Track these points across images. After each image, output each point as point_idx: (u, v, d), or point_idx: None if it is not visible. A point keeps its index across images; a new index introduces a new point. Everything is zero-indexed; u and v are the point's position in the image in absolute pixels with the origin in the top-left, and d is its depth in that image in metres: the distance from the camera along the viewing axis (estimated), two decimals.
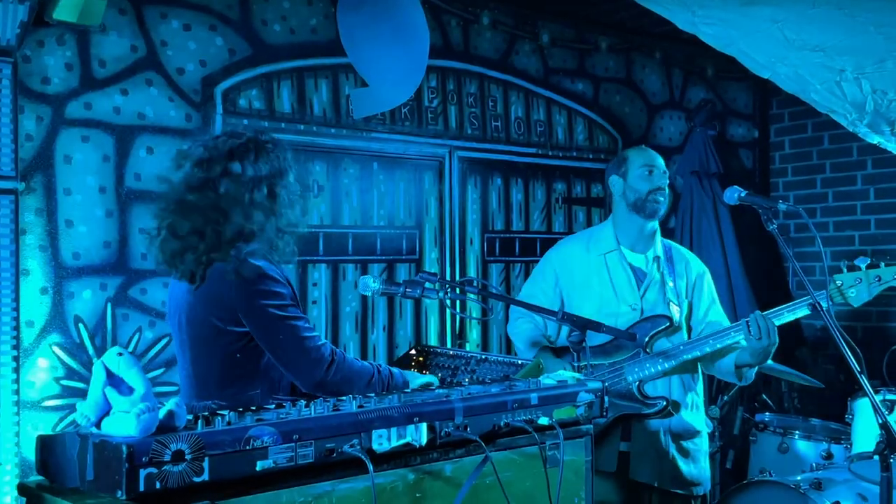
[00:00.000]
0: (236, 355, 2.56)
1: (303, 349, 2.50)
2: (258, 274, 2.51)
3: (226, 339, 2.55)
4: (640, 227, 3.48)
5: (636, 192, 3.46)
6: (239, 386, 2.57)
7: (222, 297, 2.53)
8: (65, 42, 3.97)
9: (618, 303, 3.40)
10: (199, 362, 2.62)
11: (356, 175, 4.89)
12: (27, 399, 3.81)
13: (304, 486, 1.91)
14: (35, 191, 3.88)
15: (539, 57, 5.62)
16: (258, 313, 2.49)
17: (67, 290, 3.95)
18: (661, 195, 3.44)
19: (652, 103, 6.19)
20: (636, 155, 3.53)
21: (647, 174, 3.46)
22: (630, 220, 3.48)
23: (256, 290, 2.50)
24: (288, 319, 2.50)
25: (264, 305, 2.49)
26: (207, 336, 2.58)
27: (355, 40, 4.54)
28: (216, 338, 2.56)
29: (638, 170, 3.47)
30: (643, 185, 3.45)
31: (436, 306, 5.18)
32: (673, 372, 3.33)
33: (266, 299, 2.49)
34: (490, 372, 2.79)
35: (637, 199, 3.45)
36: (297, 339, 2.50)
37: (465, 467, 2.17)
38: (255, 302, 2.49)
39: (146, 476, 1.65)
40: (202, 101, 4.34)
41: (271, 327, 2.49)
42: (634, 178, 3.47)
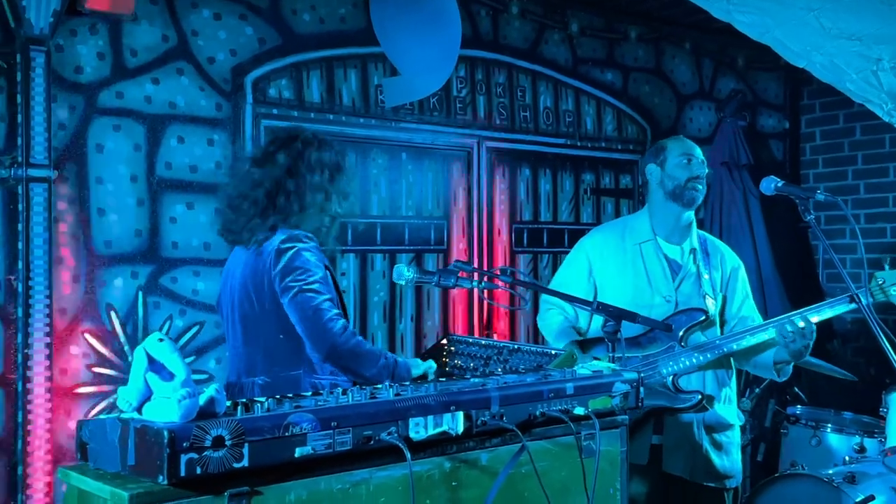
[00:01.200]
0: (279, 336, 2.72)
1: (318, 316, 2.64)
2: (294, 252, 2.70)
3: (269, 320, 2.72)
4: (676, 216, 3.44)
5: (674, 180, 3.42)
6: (283, 366, 2.72)
7: (264, 278, 2.73)
8: (97, 31, 3.99)
9: (652, 294, 3.37)
10: (248, 341, 2.79)
11: (385, 165, 4.89)
12: (60, 386, 3.84)
13: (341, 473, 1.91)
14: (68, 179, 3.91)
15: (568, 46, 5.58)
16: (286, 285, 2.68)
17: (99, 278, 3.98)
18: (700, 183, 3.41)
19: (681, 93, 6.14)
20: (674, 144, 3.50)
21: (685, 163, 3.43)
22: (667, 209, 3.45)
23: (287, 268, 2.69)
24: (309, 291, 2.66)
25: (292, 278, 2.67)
26: (255, 317, 2.76)
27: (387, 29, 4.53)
28: (261, 318, 2.74)
29: (676, 158, 3.44)
30: (681, 173, 3.42)
31: (464, 296, 5.17)
32: (707, 366, 3.30)
33: (295, 274, 2.68)
34: (522, 362, 2.77)
35: (675, 188, 3.41)
36: (315, 308, 2.65)
37: (501, 456, 2.17)
38: (284, 278, 2.68)
39: (187, 461, 1.66)
40: (232, 91, 4.35)
41: (294, 296, 2.66)
42: (672, 167, 3.44)
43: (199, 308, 4.21)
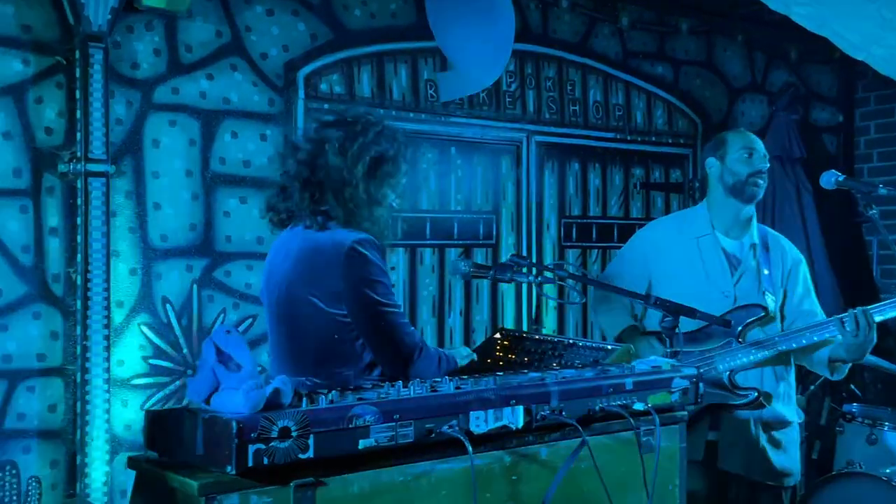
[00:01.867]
0: (334, 336, 2.60)
1: (399, 339, 2.57)
2: (366, 262, 2.56)
3: (324, 319, 2.59)
4: (736, 211, 3.40)
5: (735, 174, 3.38)
6: (333, 365, 2.62)
7: (326, 278, 2.58)
8: (153, 28, 4.04)
9: (709, 289, 3.33)
10: (296, 339, 2.67)
11: (434, 160, 4.90)
12: (117, 377, 3.90)
13: (404, 466, 1.92)
14: (125, 174, 3.97)
15: (618, 40, 5.54)
16: (361, 300, 2.55)
17: (155, 271, 4.04)
18: (762, 178, 3.36)
19: (733, 87, 6.07)
20: (736, 137, 3.46)
21: (746, 157, 3.38)
22: (726, 204, 3.41)
23: (363, 279, 2.55)
24: (388, 307, 2.56)
25: (368, 294, 2.54)
26: (307, 314, 2.62)
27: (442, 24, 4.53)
28: (315, 317, 2.61)
29: (738, 152, 3.39)
30: (743, 168, 3.37)
31: (512, 291, 5.16)
32: (766, 363, 3.26)
33: (370, 289, 2.55)
34: (578, 357, 2.76)
35: (736, 183, 3.37)
36: (395, 328, 2.57)
37: (561, 451, 2.17)
38: (361, 290, 2.55)
39: (255, 452, 1.68)
40: (285, 86, 4.38)
41: (372, 314, 2.55)
42: (733, 161, 3.40)
43: (251, 301, 4.25)
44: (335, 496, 1.82)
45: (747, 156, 3.38)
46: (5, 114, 3.72)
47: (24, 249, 3.76)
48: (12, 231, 3.73)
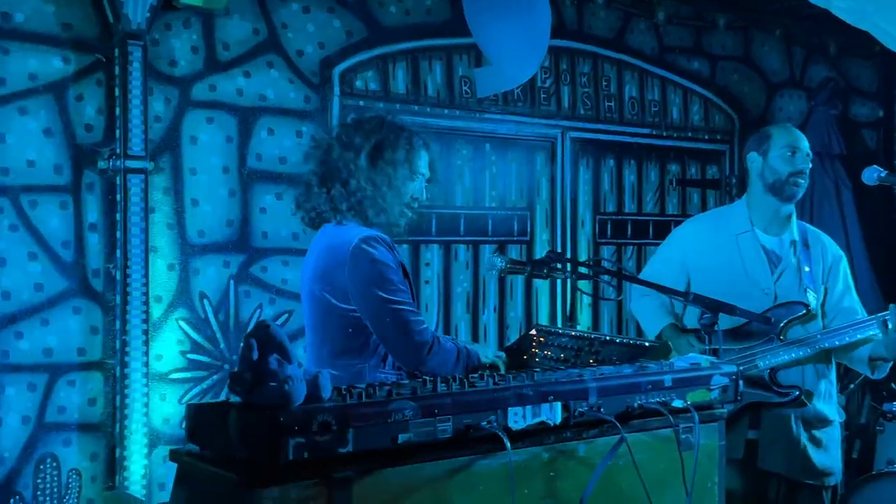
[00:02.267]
0: (348, 329, 2.68)
1: (407, 333, 2.60)
2: (371, 259, 2.61)
3: (338, 314, 2.67)
4: (775, 208, 3.36)
5: (775, 173, 3.33)
6: (349, 358, 2.68)
7: (335, 276, 2.66)
8: (191, 25, 4.08)
9: (749, 286, 3.29)
10: (315, 332, 2.76)
11: (469, 156, 4.90)
12: (155, 371, 3.95)
13: (442, 461, 1.92)
14: (163, 170, 4.01)
15: (654, 35, 5.50)
16: (368, 297, 2.61)
17: (193, 266, 4.07)
18: (802, 178, 3.30)
19: (771, 82, 6.00)
20: (780, 134, 3.39)
21: (789, 155, 3.32)
22: (765, 201, 3.36)
23: (368, 276, 2.60)
24: (395, 304, 2.59)
25: (374, 291, 2.59)
26: (323, 310, 2.71)
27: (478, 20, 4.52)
28: (330, 312, 2.69)
29: (780, 150, 3.34)
30: (784, 166, 3.32)
31: (546, 288, 5.15)
32: (807, 360, 3.22)
33: (376, 285, 2.59)
34: (615, 353, 2.74)
35: (776, 181, 3.32)
36: (403, 324, 2.60)
37: (599, 448, 2.15)
38: (366, 287, 2.60)
39: (295, 445, 1.69)
40: (320, 83, 4.40)
41: (379, 311, 2.60)
42: (775, 159, 3.34)
43: (287, 297, 4.28)
44: (373, 490, 1.82)
45: (790, 154, 3.32)
46: (46, 111, 3.77)
47: (65, 245, 3.82)
48: (53, 227, 3.79)
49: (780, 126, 3.50)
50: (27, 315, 3.74)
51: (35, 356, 3.75)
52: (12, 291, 3.71)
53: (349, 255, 2.61)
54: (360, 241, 2.62)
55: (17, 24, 3.70)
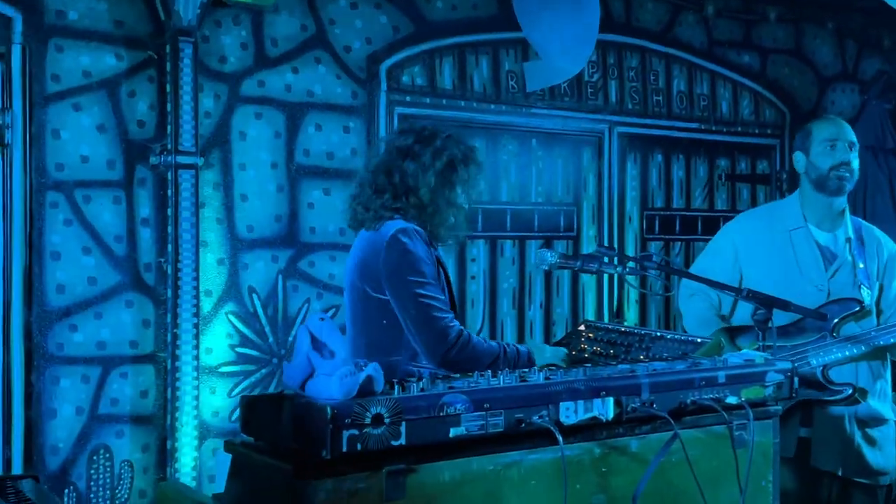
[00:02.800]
0: (382, 321, 2.71)
1: (431, 327, 2.61)
2: (404, 249, 2.65)
3: (373, 306, 2.70)
4: (827, 204, 3.31)
5: (817, 169, 3.29)
6: (384, 351, 2.70)
7: (372, 266, 2.70)
8: (240, 22, 4.12)
9: (803, 283, 3.24)
10: (354, 324, 2.80)
11: (515, 151, 4.88)
12: (205, 364, 3.99)
13: (493, 455, 1.92)
14: (213, 166, 4.05)
15: (703, 28, 5.44)
16: (397, 286, 2.64)
17: (242, 261, 4.11)
18: (846, 170, 3.24)
19: (823, 75, 5.90)
20: (819, 128, 3.35)
21: (828, 149, 3.28)
22: (815, 197, 3.32)
23: (399, 265, 2.64)
24: (422, 297, 2.61)
25: (404, 280, 2.63)
26: (359, 301, 2.75)
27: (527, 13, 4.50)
28: (365, 303, 2.73)
29: (819, 145, 3.30)
30: (824, 161, 3.27)
31: (593, 284, 5.12)
32: (861, 358, 3.16)
33: (406, 274, 2.63)
34: (666, 349, 2.72)
35: (819, 177, 3.28)
36: (427, 317, 2.61)
37: (651, 444, 2.14)
38: (397, 276, 2.64)
39: (348, 437, 1.70)
40: (367, 79, 4.42)
41: (406, 301, 2.63)
42: (816, 154, 3.30)
43: (334, 291, 4.30)
44: (426, 483, 1.83)
45: (829, 147, 3.27)
46: (100, 107, 3.83)
47: (118, 239, 3.88)
48: (106, 221, 3.85)
49: (820, 120, 3.46)
50: (81, 308, 3.80)
51: (89, 349, 3.81)
52: (67, 285, 3.77)
53: (385, 245, 2.66)
54: (396, 231, 2.67)
55: (71, 22, 3.77)
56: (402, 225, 2.69)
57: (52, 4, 3.72)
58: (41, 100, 3.72)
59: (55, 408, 3.74)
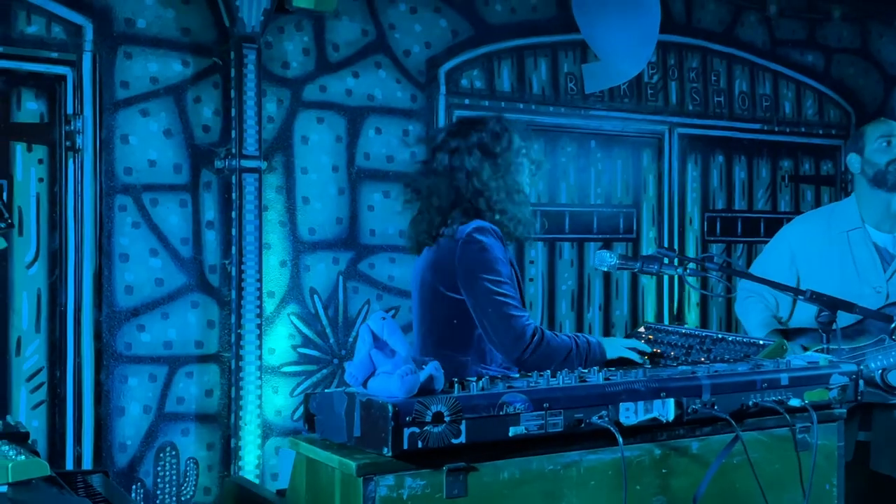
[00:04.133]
0: (453, 321, 2.68)
1: (507, 326, 2.57)
2: (480, 248, 2.61)
3: (445, 304, 2.67)
4: (885, 203, 3.27)
5: (874, 165, 3.28)
6: (452, 350, 2.68)
7: (446, 264, 2.67)
8: (302, 28, 4.18)
9: (860, 284, 3.20)
10: (423, 323, 2.78)
11: (573, 153, 4.88)
12: (268, 364, 4.06)
13: (553, 455, 1.93)
14: (276, 170, 4.13)
15: (766, 28, 5.37)
16: (473, 284, 2.60)
17: (304, 263, 4.18)
18: None
19: (890, 74, 5.78)
20: (872, 128, 3.37)
21: (885, 145, 3.29)
22: (874, 196, 3.28)
23: (475, 263, 2.60)
24: (498, 295, 2.58)
25: (480, 278, 2.59)
26: (431, 299, 2.72)
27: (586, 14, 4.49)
28: (437, 301, 2.70)
29: (875, 142, 3.30)
30: (881, 156, 3.27)
31: (653, 286, 5.09)
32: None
33: (483, 273, 2.59)
34: (728, 352, 2.69)
35: (877, 173, 3.27)
36: (504, 316, 2.57)
37: (712, 446, 2.13)
38: (473, 274, 2.60)
39: (409, 435, 1.72)
40: (427, 82, 4.46)
41: (482, 299, 2.59)
42: (871, 152, 3.30)
43: (394, 293, 4.35)
44: (486, 481, 1.84)
45: (885, 144, 3.29)
46: (167, 113, 3.93)
47: (184, 242, 3.97)
48: (173, 224, 3.94)
49: (874, 122, 3.46)
50: (149, 309, 3.90)
51: (156, 348, 3.91)
52: (135, 286, 3.88)
53: (461, 243, 2.62)
54: (473, 229, 2.62)
55: (140, 30, 3.87)
56: (479, 223, 2.64)
57: (121, 13, 3.83)
58: (110, 106, 3.83)
59: (123, 406, 3.85)
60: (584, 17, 4.54)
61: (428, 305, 2.76)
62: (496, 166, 2.71)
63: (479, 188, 2.68)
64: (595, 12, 4.57)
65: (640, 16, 4.54)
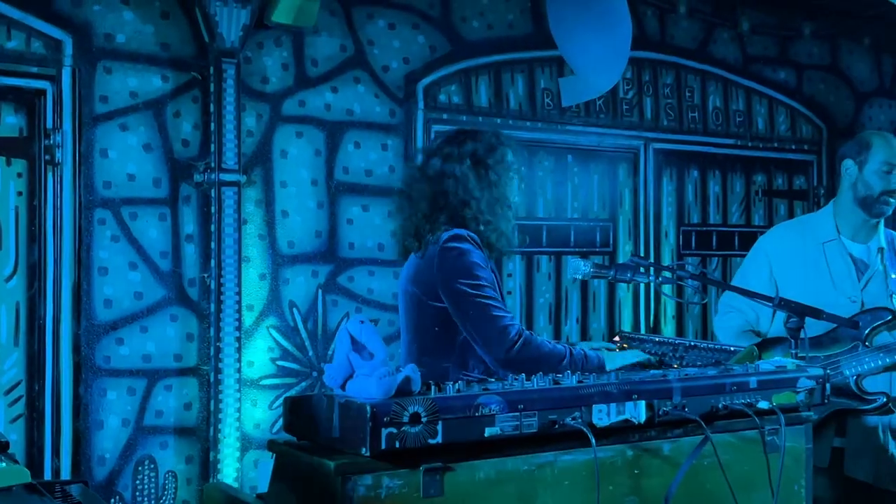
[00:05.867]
0: (434, 328, 2.71)
1: (491, 327, 2.58)
2: (458, 253, 2.64)
3: (426, 312, 2.71)
4: (863, 219, 3.32)
5: (868, 188, 3.27)
6: (434, 357, 2.70)
7: (427, 274, 2.70)
8: (281, 43, 4.23)
9: (836, 294, 3.25)
10: (408, 331, 2.81)
11: (550, 167, 4.94)
12: (247, 377, 4.08)
13: (528, 455, 1.97)
14: (255, 183, 4.16)
15: (738, 45, 5.47)
16: (453, 290, 2.62)
17: (283, 276, 4.21)
18: (894, 197, 3.25)
19: (860, 91, 5.89)
20: (880, 146, 3.29)
21: (885, 172, 3.25)
22: (854, 212, 3.32)
23: (455, 269, 2.62)
24: (480, 298, 2.60)
25: (460, 283, 2.61)
26: (413, 307, 2.76)
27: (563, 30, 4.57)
28: (419, 309, 2.73)
29: (878, 164, 3.26)
30: (878, 183, 3.25)
31: (629, 299, 5.15)
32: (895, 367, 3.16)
33: (462, 278, 2.61)
34: (700, 359, 2.75)
35: (867, 197, 3.27)
36: (487, 317, 2.59)
37: (683, 448, 2.17)
38: (452, 280, 2.62)
39: (387, 435, 1.76)
40: (405, 98, 4.51)
41: (463, 304, 2.61)
42: (871, 173, 3.28)
43: (373, 306, 4.38)
44: (462, 481, 1.88)
45: (886, 171, 3.25)
46: (146, 127, 3.96)
47: (163, 255, 3.99)
48: (152, 238, 3.96)
49: (881, 136, 3.37)
50: (127, 322, 3.91)
51: (134, 361, 3.92)
52: (114, 299, 3.89)
53: (439, 250, 2.64)
54: (450, 237, 2.65)
55: (119, 45, 3.90)
56: (457, 231, 2.67)
57: (100, 28, 3.86)
58: (90, 120, 3.85)
59: (102, 419, 3.85)
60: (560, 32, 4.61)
61: (411, 314, 2.78)
62: (486, 178, 2.75)
63: (465, 197, 2.71)
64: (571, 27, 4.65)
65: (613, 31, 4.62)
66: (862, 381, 3.15)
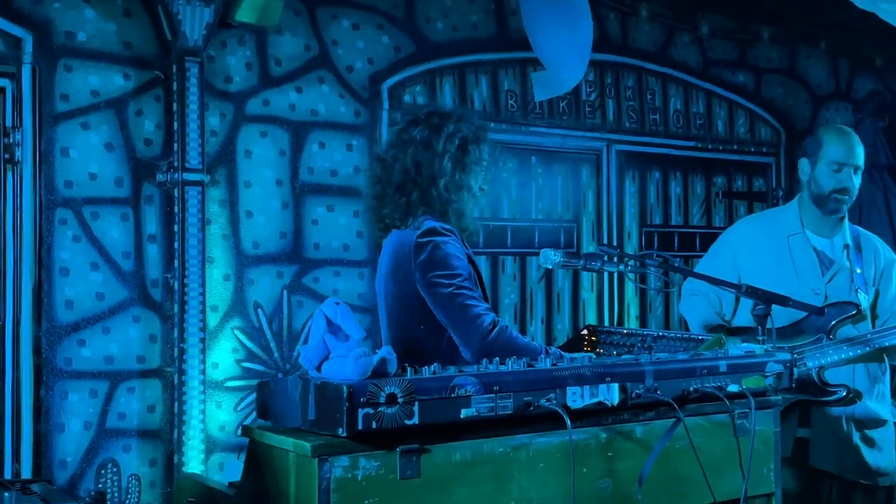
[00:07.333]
0: (420, 327, 2.69)
1: (465, 316, 2.58)
2: (434, 246, 2.63)
3: (412, 311, 2.68)
4: (820, 215, 3.38)
5: (819, 186, 3.34)
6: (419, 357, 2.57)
7: (405, 269, 2.68)
8: (245, 42, 4.21)
9: (799, 285, 3.30)
10: (390, 330, 2.78)
11: (515, 169, 4.96)
12: (211, 379, 4.03)
13: (503, 437, 1.97)
14: (219, 183, 4.12)
15: (699, 48, 5.54)
16: (430, 282, 2.62)
17: (248, 277, 4.17)
18: (846, 195, 3.30)
19: (817, 94, 6.01)
20: (830, 145, 3.35)
21: (833, 171, 3.31)
22: (811, 209, 3.39)
23: (430, 262, 2.62)
24: (455, 287, 2.60)
25: (435, 275, 2.61)
26: (396, 307, 2.73)
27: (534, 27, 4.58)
28: (400, 308, 2.71)
29: (826, 165, 3.33)
30: (827, 182, 3.32)
31: (594, 299, 5.18)
32: (858, 360, 3.21)
33: (438, 269, 2.61)
34: (668, 349, 2.77)
35: (818, 195, 3.34)
36: (462, 307, 2.59)
37: (656, 430, 2.19)
38: (429, 272, 2.62)
39: (364, 416, 1.75)
40: (370, 98, 4.50)
41: (440, 295, 2.61)
42: (821, 173, 3.34)
43: None
44: (438, 462, 1.87)
45: (835, 170, 3.31)
46: (108, 126, 3.91)
47: (125, 256, 3.93)
48: (114, 238, 3.91)
49: (833, 133, 3.42)
50: (89, 323, 3.85)
51: (97, 363, 3.85)
52: (75, 301, 3.82)
53: (413, 247, 2.64)
54: (424, 231, 2.65)
55: (80, 43, 3.85)
56: (431, 224, 2.66)
57: (61, 26, 3.81)
58: (50, 119, 3.79)
59: (64, 422, 3.78)
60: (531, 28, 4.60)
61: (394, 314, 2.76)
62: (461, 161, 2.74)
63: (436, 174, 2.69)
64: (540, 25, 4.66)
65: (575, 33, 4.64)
66: (824, 373, 3.20)
